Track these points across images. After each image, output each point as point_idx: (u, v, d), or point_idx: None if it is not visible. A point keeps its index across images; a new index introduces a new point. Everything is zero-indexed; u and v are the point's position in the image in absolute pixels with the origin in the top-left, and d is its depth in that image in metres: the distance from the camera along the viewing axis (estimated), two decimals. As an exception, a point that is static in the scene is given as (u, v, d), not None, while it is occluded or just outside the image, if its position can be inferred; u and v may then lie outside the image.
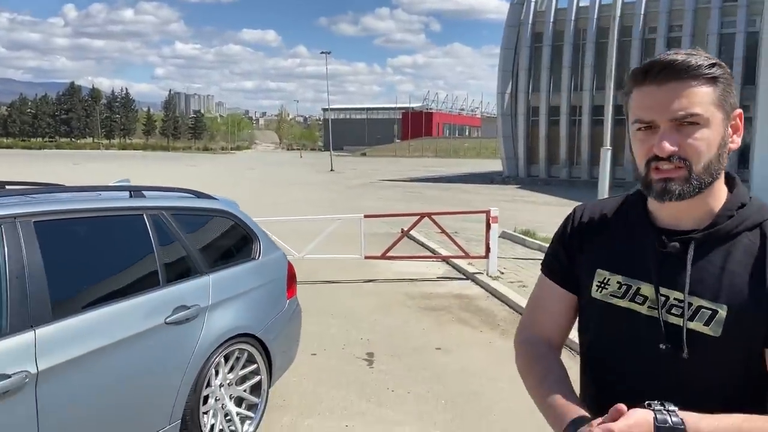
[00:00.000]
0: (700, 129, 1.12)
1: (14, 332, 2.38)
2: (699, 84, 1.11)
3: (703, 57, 1.13)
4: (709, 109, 1.12)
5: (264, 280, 3.85)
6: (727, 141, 1.16)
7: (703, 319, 1.14)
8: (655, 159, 1.14)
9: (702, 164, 1.13)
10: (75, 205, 2.90)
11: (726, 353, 1.14)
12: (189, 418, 3.15)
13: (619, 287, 1.25)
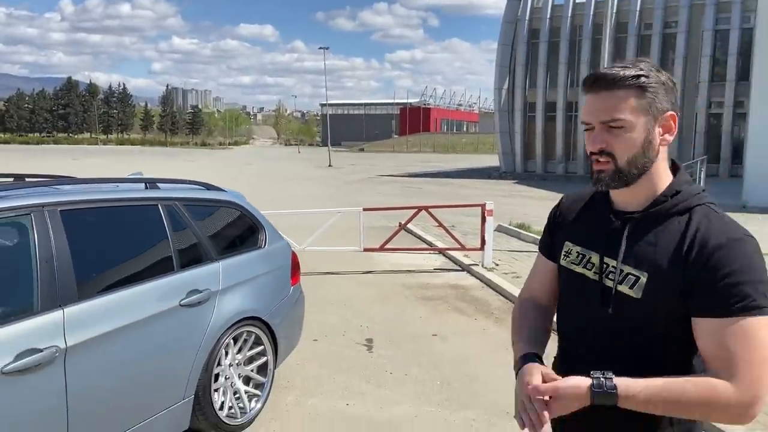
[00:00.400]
0: (624, 131, 1.35)
1: (45, 311, 2.61)
2: (624, 93, 1.34)
3: (635, 69, 1.35)
4: (632, 114, 1.34)
5: (270, 268, 4.07)
6: (653, 140, 1.37)
7: (629, 283, 1.38)
8: (592, 154, 1.40)
9: (625, 159, 1.37)
10: (96, 195, 3.12)
11: (646, 313, 1.36)
12: (201, 395, 3.38)
13: (576, 256, 1.52)
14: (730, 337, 1.26)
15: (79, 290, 2.76)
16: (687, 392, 1.27)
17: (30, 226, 2.70)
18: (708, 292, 1.29)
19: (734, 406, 1.25)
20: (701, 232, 1.33)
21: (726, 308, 1.27)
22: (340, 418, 3.94)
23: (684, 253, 1.33)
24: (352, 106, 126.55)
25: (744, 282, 1.26)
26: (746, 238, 1.32)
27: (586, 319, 1.47)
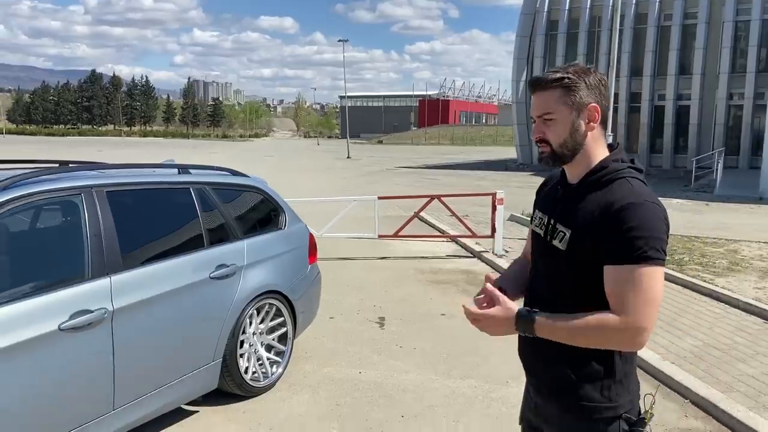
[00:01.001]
0: (552, 122, 1.70)
1: (95, 278, 3.02)
2: (550, 92, 1.69)
3: (561, 73, 1.69)
4: (556, 108, 1.68)
5: (289, 247, 4.46)
6: (578, 128, 1.70)
7: (559, 239, 1.73)
8: (536, 141, 1.76)
9: (557, 144, 1.70)
10: (137, 179, 3.53)
11: (569, 263, 1.69)
12: (229, 358, 3.79)
13: (539, 220, 1.87)
14: (623, 281, 1.58)
15: (123, 261, 3.17)
16: (588, 323, 1.60)
17: (81, 204, 3.11)
18: (610, 243, 1.60)
19: (623, 334, 1.58)
20: (613, 197, 1.65)
21: (622, 257, 1.58)
22: (353, 384, 4.33)
23: (597, 214, 1.65)
24: (371, 98, 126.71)
25: (638, 237, 1.57)
26: (646, 203, 1.62)
27: (536, 268, 1.86)
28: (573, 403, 1.73)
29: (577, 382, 1.72)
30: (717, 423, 3.80)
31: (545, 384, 1.82)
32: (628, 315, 1.56)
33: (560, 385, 1.75)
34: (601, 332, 1.59)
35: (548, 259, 1.77)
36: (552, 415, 1.81)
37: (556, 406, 1.79)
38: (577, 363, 1.70)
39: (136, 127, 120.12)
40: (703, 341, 5.11)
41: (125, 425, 3.19)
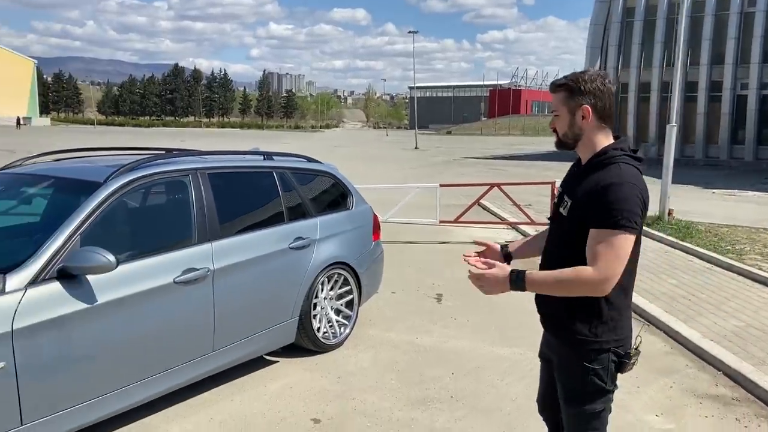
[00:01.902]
0: (557, 117, 2.22)
1: (199, 243, 3.73)
2: (556, 94, 2.21)
3: (564, 80, 2.19)
4: (559, 107, 2.20)
5: (355, 225, 5.08)
6: (575, 121, 2.18)
7: (564, 207, 2.22)
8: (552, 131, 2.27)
9: (561, 133, 2.22)
10: (231, 163, 4.24)
11: (570, 226, 2.17)
12: (304, 317, 4.44)
13: (558, 194, 2.36)
14: (598, 241, 2.05)
15: (221, 230, 3.87)
16: (565, 275, 2.06)
17: (189, 183, 3.82)
18: (595, 212, 2.07)
19: (592, 282, 2.03)
20: (603, 177, 2.12)
21: (599, 223, 2.05)
22: (410, 346, 4.90)
23: (590, 189, 2.12)
24: (440, 88, 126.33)
25: (614, 209, 2.03)
26: (626, 183, 2.07)
27: (550, 232, 2.36)
28: (569, 336, 2.22)
29: (570, 320, 2.19)
30: (744, 391, 4.13)
31: (550, 322, 2.33)
32: (599, 267, 2.02)
33: (559, 322, 2.25)
34: (576, 282, 2.05)
35: (556, 224, 2.28)
36: (555, 346, 2.33)
37: (557, 340, 2.30)
38: (570, 306, 2.17)
39: (214, 118, 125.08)
40: (746, 323, 5.35)
41: (222, 365, 3.91)
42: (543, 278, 2.12)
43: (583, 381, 2.22)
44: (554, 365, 2.39)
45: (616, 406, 3.85)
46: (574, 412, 2.29)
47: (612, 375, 2.24)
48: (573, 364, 2.24)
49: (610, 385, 2.25)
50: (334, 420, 3.66)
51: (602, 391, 2.23)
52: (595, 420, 2.28)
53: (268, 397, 3.94)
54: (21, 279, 2.86)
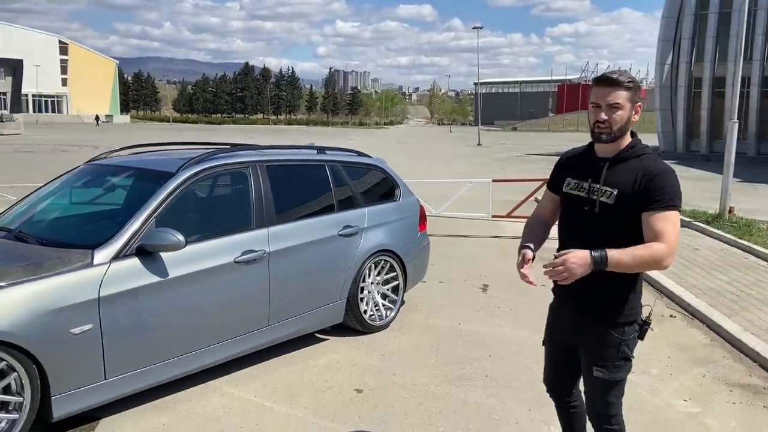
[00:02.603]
0: (620, 111, 2.36)
1: (257, 228, 4.16)
2: (622, 90, 2.35)
3: (625, 76, 2.39)
4: (624, 102, 2.34)
5: (402, 216, 5.40)
6: (631, 117, 2.40)
7: (607, 196, 2.41)
8: (597, 122, 2.42)
9: (617, 127, 2.37)
10: (287, 157, 4.66)
11: (616, 212, 2.39)
12: (351, 299, 4.82)
13: (574, 185, 2.56)
14: (659, 221, 2.30)
15: (276, 217, 4.28)
16: (640, 250, 2.28)
17: (248, 174, 4.26)
18: (649, 197, 2.32)
19: (664, 256, 2.27)
20: (646, 166, 2.37)
21: (658, 205, 2.31)
22: (452, 331, 5.19)
23: (637, 177, 2.36)
24: (506, 84, 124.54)
25: (666, 192, 2.30)
26: (669, 170, 2.37)
27: (578, 220, 2.49)
28: (608, 311, 2.44)
29: (614, 295, 2.43)
30: (777, 383, 4.20)
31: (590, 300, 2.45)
32: (668, 243, 2.27)
33: (601, 299, 2.43)
34: (652, 256, 2.25)
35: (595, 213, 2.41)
36: (586, 324, 2.49)
37: (594, 316, 2.46)
38: (617, 282, 2.38)
39: (282, 115, 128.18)
40: (793, 319, 5.33)
41: (276, 338, 4.33)
42: (622, 256, 2.26)
43: (617, 350, 2.46)
44: (583, 344, 2.55)
45: (644, 391, 4.07)
46: (604, 380, 2.49)
47: (635, 343, 2.52)
48: (608, 337, 2.45)
49: (632, 354, 2.52)
50: (374, 391, 4.01)
51: (628, 359, 2.49)
52: (617, 387, 2.53)
53: (316, 369, 4.34)
54: (106, 254, 3.36)
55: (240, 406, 3.74)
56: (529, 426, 3.60)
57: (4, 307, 2.94)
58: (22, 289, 3.02)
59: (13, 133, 42.45)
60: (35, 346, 3.00)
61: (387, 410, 3.75)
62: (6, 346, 2.91)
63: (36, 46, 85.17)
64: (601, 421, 2.59)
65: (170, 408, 3.66)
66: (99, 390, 3.31)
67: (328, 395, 3.94)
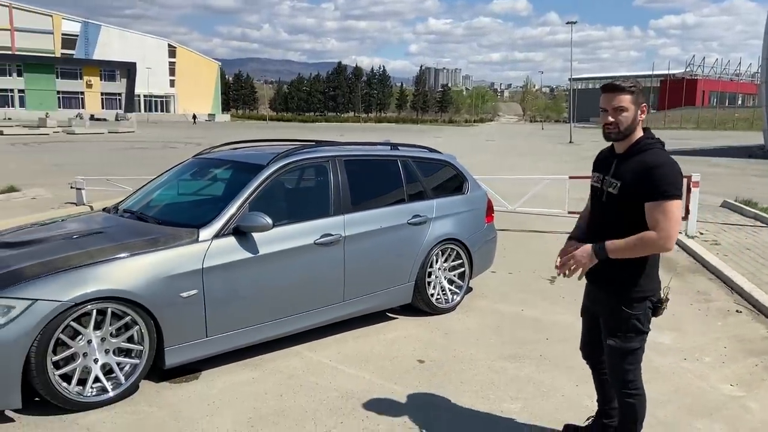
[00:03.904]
0: (625, 113, 2.73)
1: (335, 215, 4.72)
2: (623, 95, 2.73)
3: (628, 81, 2.74)
4: (629, 105, 2.71)
5: (469, 208, 5.81)
6: (636, 117, 2.74)
7: (613, 187, 2.79)
8: (606, 124, 2.80)
9: (625, 127, 2.75)
10: (363, 152, 5.22)
11: (620, 202, 2.75)
12: (419, 282, 5.29)
13: (595, 177, 2.96)
14: (657, 211, 2.64)
15: (352, 206, 4.83)
16: (636, 239, 2.66)
17: (328, 168, 4.83)
18: (648, 188, 2.65)
19: (659, 242, 2.63)
20: (650, 159, 2.70)
21: (656, 196, 2.64)
22: (515, 315, 5.54)
23: (639, 170, 2.70)
24: (603, 79, 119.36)
25: (665, 183, 2.63)
26: (669, 162, 2.68)
27: (596, 208, 2.94)
28: (618, 288, 2.81)
29: (621, 276, 2.79)
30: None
31: (602, 279, 2.86)
32: (660, 230, 2.62)
33: (611, 278, 2.82)
34: (645, 243, 2.64)
35: (603, 201, 2.84)
36: (602, 299, 2.91)
37: (606, 293, 2.87)
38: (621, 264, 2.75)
39: (372, 113, 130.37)
40: None
41: (350, 313, 4.88)
42: (617, 246, 2.68)
43: (627, 323, 2.81)
44: (601, 316, 2.96)
45: (693, 376, 4.30)
46: (617, 349, 2.86)
47: (648, 319, 2.86)
48: (619, 311, 2.81)
49: (646, 327, 2.86)
50: (435, 362, 4.47)
51: (640, 331, 2.84)
52: (632, 356, 2.88)
53: (385, 342, 4.85)
54: (209, 232, 4.03)
55: (316, 367, 4.32)
56: (574, 398, 3.92)
57: (128, 273, 3.65)
58: (142, 259, 3.74)
59: (127, 131, 46.21)
60: (152, 305, 3.70)
61: (444, 378, 4.20)
62: (130, 304, 3.62)
63: (148, 50, 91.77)
64: (619, 385, 2.93)
65: (259, 366, 4.30)
66: (202, 345, 3.99)
67: (394, 363, 4.43)
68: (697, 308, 5.79)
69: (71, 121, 50.51)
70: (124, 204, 4.94)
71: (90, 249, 3.77)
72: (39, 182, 13.91)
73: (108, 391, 3.63)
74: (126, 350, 3.74)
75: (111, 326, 3.61)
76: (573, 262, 2.78)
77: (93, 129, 45.31)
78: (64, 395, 3.46)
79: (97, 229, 4.30)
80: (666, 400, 3.90)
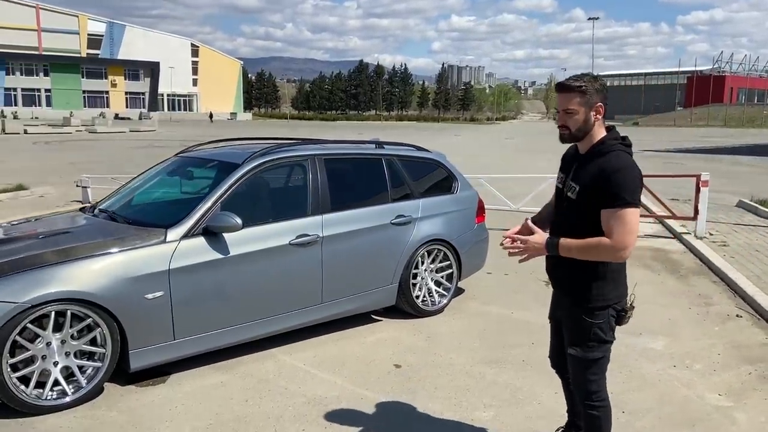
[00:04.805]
0: (574, 115, 2.56)
1: (313, 215, 4.62)
2: (572, 94, 2.55)
3: (579, 82, 2.55)
4: (576, 106, 2.54)
5: (458, 208, 5.66)
6: (588, 118, 2.56)
7: (572, 191, 2.64)
8: (559, 126, 2.64)
9: (575, 128, 2.58)
10: (344, 151, 5.11)
11: (578, 207, 2.60)
12: (404, 284, 5.16)
13: (559, 178, 2.81)
14: (612, 218, 2.48)
15: (331, 205, 4.72)
16: (590, 244, 2.51)
17: (307, 166, 4.73)
18: (603, 195, 2.50)
19: (612, 251, 2.47)
20: (607, 163, 2.53)
21: (611, 203, 2.48)
22: (503, 318, 5.39)
23: (596, 174, 2.54)
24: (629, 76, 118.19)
25: (618, 191, 2.46)
26: (629, 167, 2.50)
27: (557, 209, 2.79)
28: (578, 295, 2.67)
29: (580, 282, 2.64)
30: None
31: (564, 283, 2.75)
32: (616, 239, 2.47)
33: (572, 283, 2.68)
34: (599, 249, 2.50)
35: (564, 204, 2.71)
36: (565, 305, 2.78)
37: (568, 299, 2.73)
38: (580, 269, 2.61)
39: (393, 112, 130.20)
40: None
41: (329, 315, 4.78)
42: (571, 245, 2.54)
43: (588, 333, 2.66)
44: (564, 323, 2.83)
45: (680, 384, 4.10)
46: (579, 358, 2.72)
47: (611, 327, 2.69)
48: (580, 319, 2.67)
49: (609, 336, 2.70)
50: (412, 367, 4.34)
51: (602, 341, 2.68)
52: (595, 366, 2.72)
53: (364, 345, 4.73)
54: (177, 233, 3.96)
55: (289, 371, 4.22)
56: (551, 406, 3.77)
57: (90, 274, 3.60)
58: (105, 260, 3.68)
59: (148, 129, 46.79)
60: (115, 307, 3.64)
61: (418, 383, 4.07)
62: (92, 306, 3.56)
63: (171, 50, 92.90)
64: (582, 396, 2.77)
65: (230, 369, 4.22)
66: (169, 348, 3.92)
67: (369, 367, 4.32)
68: (696, 312, 5.57)
69: (94, 120, 51.36)
70: (102, 203, 4.90)
71: (52, 249, 3.73)
72: (51, 180, 14.08)
73: (68, 394, 3.58)
74: (89, 353, 3.68)
75: (72, 328, 3.55)
76: (522, 245, 2.63)
77: (115, 128, 45.97)
78: (21, 398, 3.42)
79: (65, 229, 4.27)
80: (647, 409, 3.73)
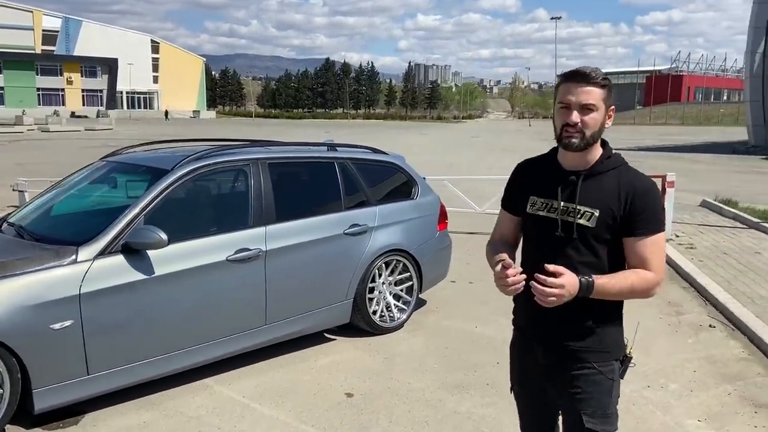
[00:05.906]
0: (595, 113, 1.96)
1: (254, 226, 4.13)
2: (598, 88, 1.96)
3: (597, 72, 2.00)
4: (599, 103, 1.96)
5: (419, 215, 5.23)
6: (604, 121, 2.04)
7: (586, 218, 2.00)
8: (566, 125, 1.98)
9: (590, 132, 1.97)
10: (292, 154, 4.62)
11: (597, 237, 2.01)
12: (359, 299, 4.71)
13: (541, 204, 2.10)
14: (648, 247, 1.98)
15: (276, 216, 4.24)
16: (630, 278, 1.96)
17: (249, 172, 4.24)
18: (636, 220, 1.98)
19: (654, 285, 1.99)
20: (630, 182, 2.02)
21: (646, 229, 1.98)
22: (466, 334, 4.99)
23: (621, 195, 2.00)
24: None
25: (655, 213, 1.99)
26: (654, 184, 2.05)
27: (549, 246, 2.05)
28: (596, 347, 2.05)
29: (602, 329, 2.05)
30: None
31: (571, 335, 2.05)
32: (659, 271, 2.00)
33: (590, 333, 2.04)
34: (641, 285, 1.96)
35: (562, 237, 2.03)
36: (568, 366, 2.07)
37: (576, 356, 2.06)
38: (607, 312, 2.05)
39: (360, 110, 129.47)
40: None
41: (274, 338, 4.30)
42: (606, 284, 1.96)
43: (609, 395, 2.09)
44: (565, 391, 2.12)
45: (656, 408, 3.74)
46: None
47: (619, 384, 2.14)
48: (599, 380, 2.07)
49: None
50: (365, 396, 3.90)
51: (616, 404, 2.12)
52: None
53: (314, 370, 4.27)
54: (91, 251, 3.43)
55: (225, 406, 3.73)
56: (517, 442, 3.36)
57: (-14, 302, 3.05)
58: (3, 285, 3.13)
59: (105, 128, 45.22)
60: (14, 340, 3.10)
61: (372, 416, 3.64)
62: (-16, 339, 3.02)
63: (130, 46, 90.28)
64: None
65: (155, 405, 3.70)
66: (81, 385, 3.40)
67: (317, 398, 3.86)
68: (667, 323, 5.26)
69: (47, 118, 49.41)
70: (12, 216, 4.32)
71: (-63, 274, 3.16)
72: (-9, 183, 13.18)
73: (-45, 445, 3.04)
74: (-16, 393, 3.14)
75: (-41, 367, 3.01)
76: (558, 290, 1.89)
77: (69, 126, 44.28)
78: None
79: (-41, 248, 3.69)
80: (623, 442, 3.35)
